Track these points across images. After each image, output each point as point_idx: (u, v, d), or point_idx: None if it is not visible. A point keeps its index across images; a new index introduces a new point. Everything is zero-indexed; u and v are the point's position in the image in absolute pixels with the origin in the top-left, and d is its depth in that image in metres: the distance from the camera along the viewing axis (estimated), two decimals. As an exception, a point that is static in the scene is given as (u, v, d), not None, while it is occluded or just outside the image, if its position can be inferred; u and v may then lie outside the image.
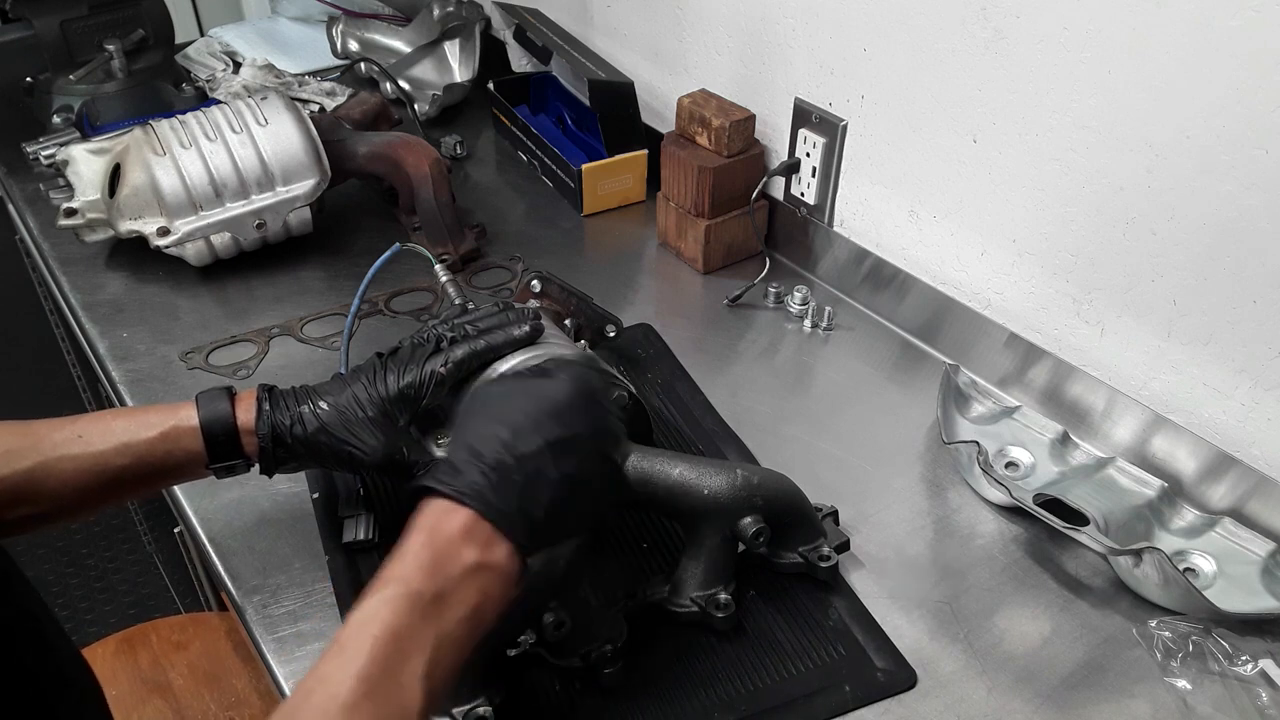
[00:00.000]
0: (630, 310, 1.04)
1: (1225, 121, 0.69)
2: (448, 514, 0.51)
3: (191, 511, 0.80)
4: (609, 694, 0.66)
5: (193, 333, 1.01)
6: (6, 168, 1.30)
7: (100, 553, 1.98)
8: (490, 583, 0.50)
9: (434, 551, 0.50)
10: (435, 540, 0.51)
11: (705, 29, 1.14)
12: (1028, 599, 0.74)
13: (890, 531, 0.80)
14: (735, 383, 0.95)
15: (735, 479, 0.68)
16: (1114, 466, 0.82)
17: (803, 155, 1.07)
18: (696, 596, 0.70)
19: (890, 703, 0.67)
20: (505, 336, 0.73)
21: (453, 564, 0.50)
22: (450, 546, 0.50)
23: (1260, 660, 0.67)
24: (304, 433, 0.67)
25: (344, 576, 0.74)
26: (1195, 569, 0.76)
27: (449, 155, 1.34)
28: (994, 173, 0.88)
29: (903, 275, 1.00)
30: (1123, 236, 0.80)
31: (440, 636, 0.48)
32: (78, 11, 1.37)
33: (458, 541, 0.50)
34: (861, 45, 0.95)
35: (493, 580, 0.50)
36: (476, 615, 0.50)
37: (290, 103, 1.08)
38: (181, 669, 1.03)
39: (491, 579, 0.50)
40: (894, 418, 0.91)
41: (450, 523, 0.51)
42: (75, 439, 0.64)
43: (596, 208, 1.22)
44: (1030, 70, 0.81)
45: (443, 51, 1.49)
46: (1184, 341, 0.79)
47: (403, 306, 1.05)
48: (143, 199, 1.03)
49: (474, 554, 0.50)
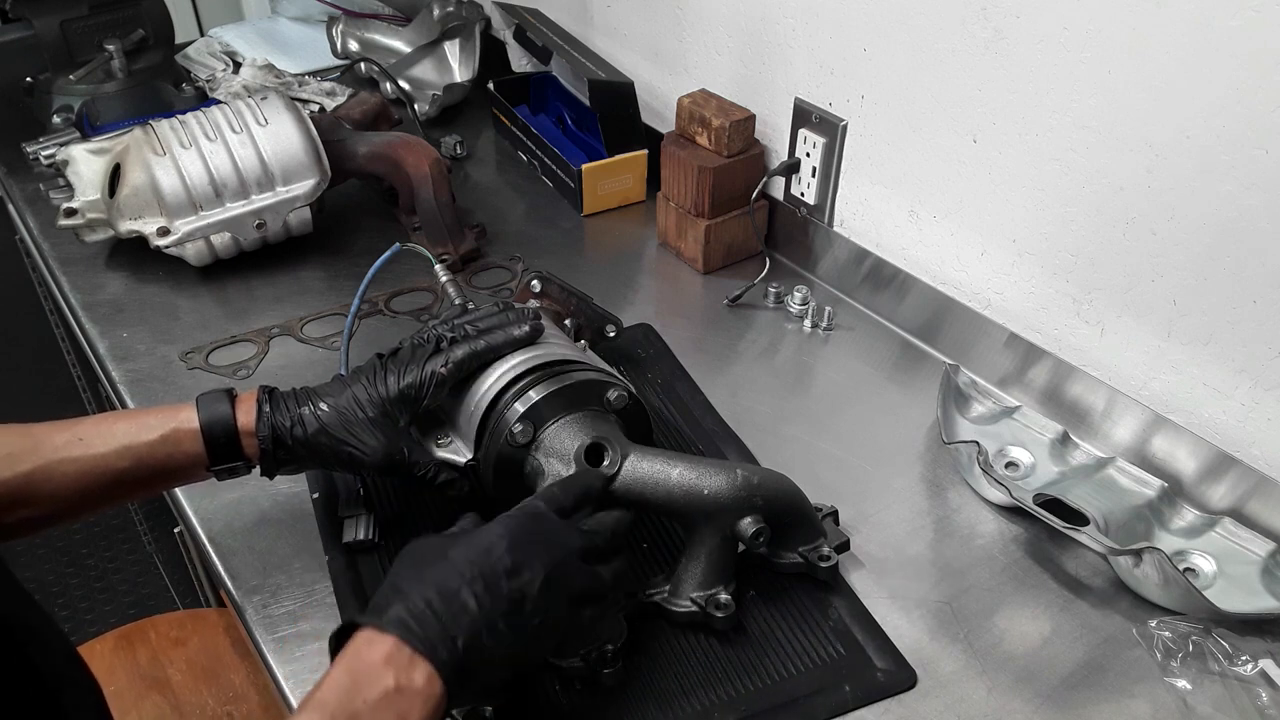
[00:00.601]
0: (630, 310, 1.04)
1: (1225, 121, 0.69)
2: (369, 642, 0.53)
3: (191, 511, 0.80)
4: (609, 694, 0.66)
5: (193, 333, 1.01)
6: (6, 168, 1.30)
7: (100, 553, 1.98)
8: (409, 706, 0.51)
9: (353, 676, 0.51)
10: (355, 665, 0.52)
11: (705, 29, 1.14)
12: (1028, 599, 0.74)
13: (890, 531, 0.80)
14: (735, 383, 0.95)
15: (735, 479, 0.68)
16: (1114, 466, 0.82)
17: (803, 155, 1.07)
18: (696, 596, 0.70)
19: (890, 703, 0.67)
20: (505, 336, 0.73)
21: (371, 688, 0.50)
22: (370, 670, 0.51)
23: (1260, 660, 0.67)
24: (304, 434, 0.67)
25: (344, 576, 0.74)
26: (1195, 569, 0.76)
27: (449, 155, 1.34)
28: (994, 173, 0.88)
29: (903, 275, 1.00)
30: (1123, 236, 0.80)
31: None
32: (78, 11, 1.37)
33: (377, 666, 0.51)
34: (861, 45, 0.95)
35: (411, 704, 0.51)
36: None
37: (290, 103, 1.08)
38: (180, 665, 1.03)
39: (410, 702, 0.51)
40: (894, 418, 0.91)
41: (372, 651, 0.52)
42: (75, 442, 0.64)
43: (596, 208, 1.22)
44: (1030, 70, 0.81)
45: (443, 51, 1.49)
46: (1184, 341, 0.79)
47: (403, 306, 1.05)
48: (143, 199, 1.03)
49: (392, 678, 0.51)
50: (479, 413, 0.71)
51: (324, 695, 0.51)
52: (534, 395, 0.70)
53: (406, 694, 0.51)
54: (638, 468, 0.69)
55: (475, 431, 0.72)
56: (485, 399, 0.71)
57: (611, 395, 0.72)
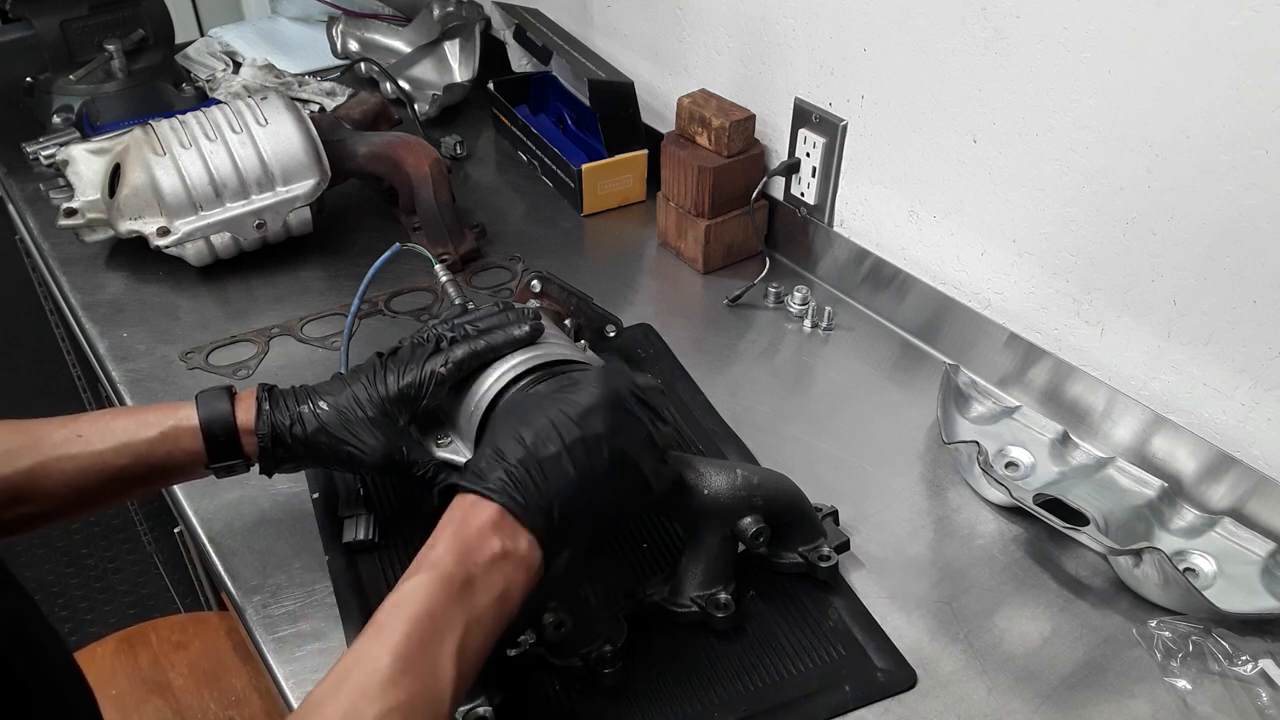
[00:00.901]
0: (630, 310, 1.04)
1: (1225, 121, 0.69)
2: (475, 507, 0.56)
3: (191, 511, 0.80)
4: (609, 694, 0.66)
5: (193, 333, 1.01)
6: (6, 168, 1.30)
7: (100, 553, 1.98)
8: (514, 570, 0.54)
9: (463, 541, 0.54)
10: (464, 531, 0.55)
11: (705, 29, 1.14)
12: (1028, 599, 0.74)
13: (890, 531, 0.80)
14: (735, 383, 0.95)
15: (735, 479, 0.68)
16: (1114, 466, 0.82)
17: (803, 155, 1.07)
18: (696, 596, 0.70)
19: (890, 703, 0.67)
20: (505, 336, 0.73)
21: (480, 552, 0.53)
22: (478, 537, 0.54)
23: (1260, 660, 0.67)
24: (304, 432, 0.67)
25: (344, 576, 0.74)
26: (1195, 569, 0.76)
27: (449, 155, 1.34)
28: (994, 173, 0.88)
29: (903, 275, 1.00)
30: (1123, 236, 0.80)
31: (470, 618, 0.52)
32: (78, 11, 1.37)
33: (485, 532, 0.54)
34: (861, 45, 0.95)
35: (516, 568, 0.54)
36: (502, 600, 0.54)
37: (290, 103, 1.08)
38: (181, 668, 1.02)
39: (515, 567, 0.54)
40: (894, 418, 0.91)
41: (478, 515, 0.55)
42: (75, 438, 0.64)
43: (596, 208, 1.22)
44: (1030, 70, 0.81)
45: (443, 51, 1.49)
46: (1184, 341, 0.79)
47: (403, 306, 1.05)
48: (143, 199, 1.03)
49: (499, 543, 0.54)
50: (479, 413, 0.71)
51: (440, 555, 0.53)
52: (534, 395, 0.70)
53: (512, 559, 0.54)
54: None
55: (475, 431, 0.72)
56: (485, 399, 0.71)
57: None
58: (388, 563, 0.75)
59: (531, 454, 0.57)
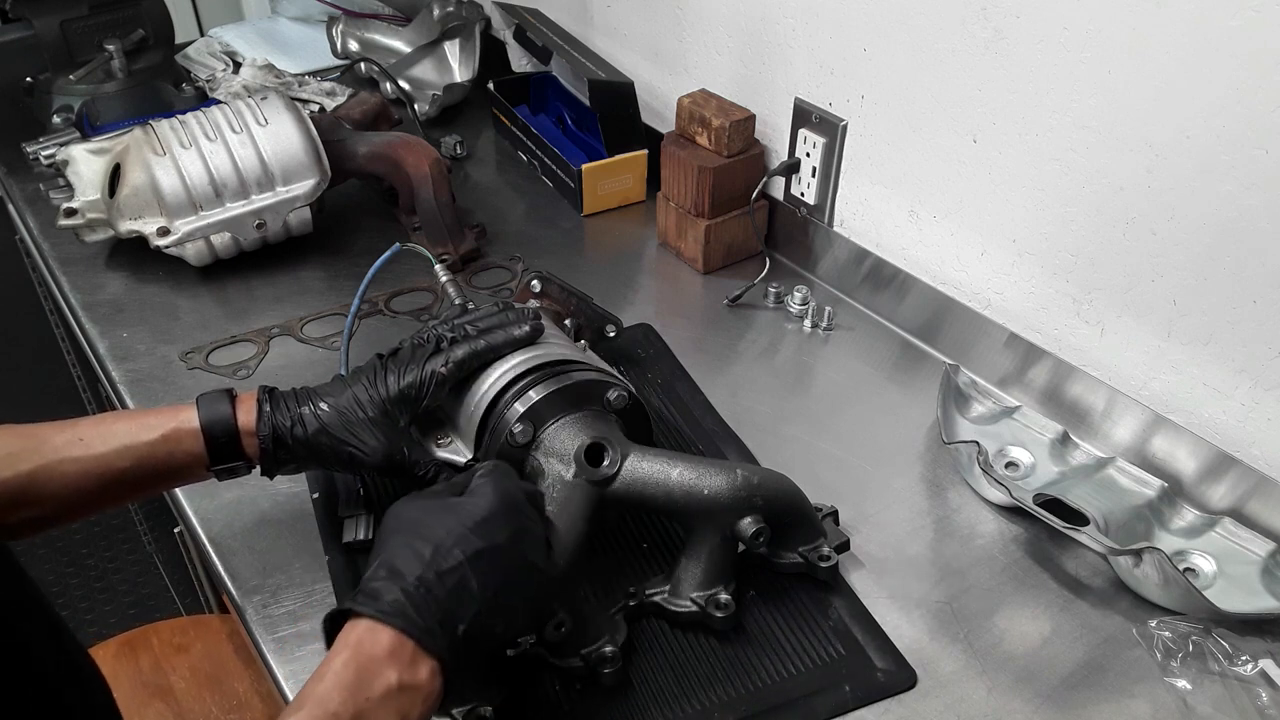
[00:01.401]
0: (630, 310, 1.04)
1: (1225, 121, 0.69)
2: (369, 634, 0.50)
3: (191, 512, 0.80)
4: (609, 694, 0.66)
5: (193, 333, 1.01)
6: (6, 168, 1.30)
7: (100, 553, 1.98)
8: (410, 704, 0.49)
9: (357, 670, 0.49)
10: (358, 659, 0.50)
11: (705, 29, 1.14)
12: (1028, 599, 0.74)
13: (890, 531, 0.80)
14: (735, 383, 0.95)
15: (735, 479, 0.68)
16: (1114, 466, 0.82)
17: (803, 155, 1.07)
18: (696, 596, 0.70)
19: (890, 703, 0.67)
20: (505, 336, 0.73)
21: (375, 684, 0.49)
22: (374, 665, 0.49)
23: (1260, 660, 0.67)
24: (305, 434, 0.67)
25: (344, 576, 0.74)
26: (1195, 569, 0.76)
27: (449, 155, 1.34)
28: (994, 173, 0.88)
29: (903, 275, 1.00)
30: (1123, 236, 0.80)
31: None
32: (78, 11, 1.37)
33: (381, 661, 0.49)
34: (861, 45, 0.95)
35: (413, 701, 0.50)
36: None
37: (290, 103, 1.08)
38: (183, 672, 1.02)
39: (412, 700, 0.50)
40: (894, 418, 0.91)
41: (373, 643, 0.50)
42: (76, 442, 0.64)
43: (596, 208, 1.22)
44: (1030, 70, 0.81)
45: (443, 51, 1.49)
46: (1184, 341, 0.79)
47: (403, 306, 1.05)
48: (143, 199, 1.03)
49: (395, 676, 0.49)
50: (479, 413, 0.71)
51: (326, 690, 0.49)
52: (534, 395, 0.70)
53: (409, 691, 0.50)
54: (638, 468, 0.69)
55: (475, 431, 0.72)
56: (485, 399, 0.71)
57: (611, 395, 0.72)
58: (388, 563, 0.75)
59: (430, 570, 0.52)
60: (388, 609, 0.51)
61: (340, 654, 0.50)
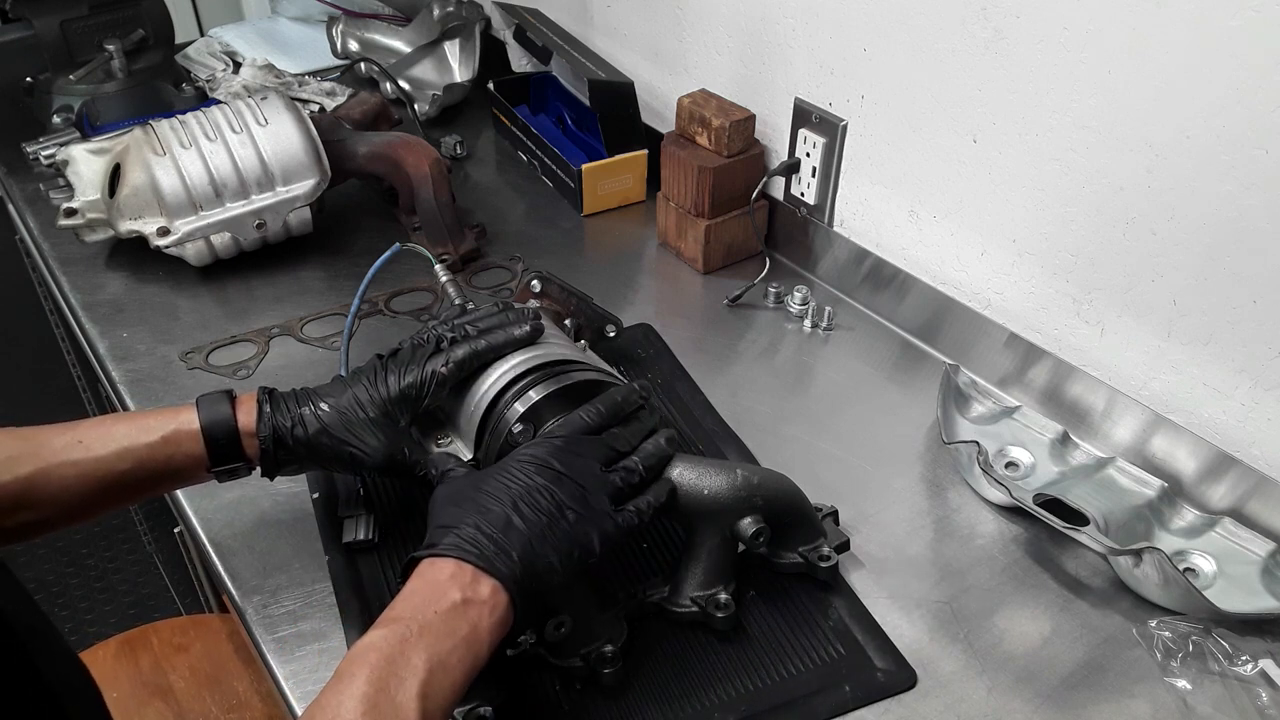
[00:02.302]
0: (630, 310, 1.04)
1: (1225, 121, 0.69)
2: (431, 566, 0.57)
3: (191, 512, 0.80)
4: (609, 694, 0.66)
5: (193, 333, 1.01)
6: (6, 168, 1.30)
7: (100, 553, 1.98)
8: (478, 615, 0.55)
9: (421, 595, 0.55)
10: (422, 585, 0.56)
11: (705, 29, 1.14)
12: (1028, 599, 0.74)
13: (890, 531, 0.80)
14: (735, 383, 0.95)
15: (735, 479, 0.68)
16: (1114, 466, 0.82)
17: (803, 155, 1.07)
18: (696, 596, 0.70)
19: (890, 703, 0.67)
20: (505, 336, 0.73)
21: (439, 602, 0.55)
22: (436, 588, 0.55)
23: (1260, 660, 0.67)
24: (305, 434, 0.67)
25: (344, 576, 0.74)
26: (1195, 569, 0.76)
27: (449, 155, 1.34)
28: (994, 173, 0.88)
29: (903, 275, 1.00)
30: (1123, 236, 0.80)
31: (433, 663, 0.52)
32: (78, 11, 1.37)
33: (443, 585, 0.55)
34: (861, 45, 0.95)
35: (480, 612, 0.55)
36: (469, 644, 0.54)
37: (290, 103, 1.08)
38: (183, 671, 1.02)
39: (479, 611, 0.55)
40: (894, 418, 0.91)
41: (434, 572, 0.56)
42: (76, 444, 0.64)
43: (596, 208, 1.22)
44: (1030, 70, 0.81)
45: (443, 51, 1.49)
46: (1184, 341, 0.79)
47: (403, 306, 1.05)
48: (143, 199, 1.03)
49: (458, 593, 0.55)
50: (479, 413, 0.71)
51: (396, 610, 0.54)
52: (534, 395, 0.70)
53: (474, 604, 0.55)
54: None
55: (475, 431, 0.72)
56: (485, 399, 0.71)
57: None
58: (388, 563, 0.75)
59: (478, 516, 0.59)
60: (445, 547, 0.57)
61: (409, 583, 0.57)
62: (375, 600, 0.72)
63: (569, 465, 0.62)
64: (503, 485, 0.61)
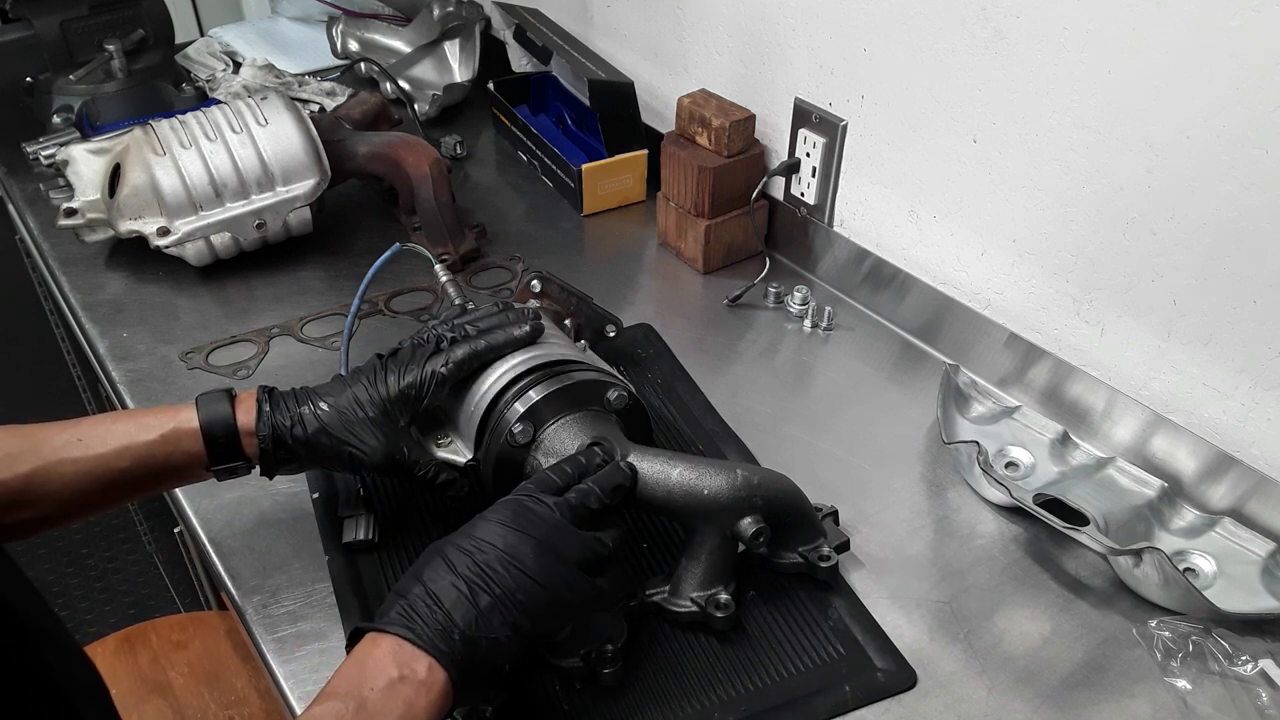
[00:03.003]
0: (630, 310, 1.04)
1: (1225, 121, 0.69)
2: (372, 642, 0.56)
3: (191, 511, 0.80)
4: (609, 694, 0.66)
5: (193, 333, 1.01)
6: (6, 168, 1.30)
7: (100, 553, 1.98)
8: (414, 694, 0.54)
9: (360, 669, 0.55)
10: (361, 659, 0.56)
11: (705, 29, 1.14)
12: (1028, 599, 0.74)
13: (890, 531, 0.80)
14: (735, 383, 0.95)
15: (735, 479, 0.68)
16: (1114, 466, 0.82)
17: (803, 155, 1.07)
18: (696, 596, 0.70)
19: (890, 703, 0.67)
20: (505, 336, 0.73)
21: (376, 679, 0.54)
22: (374, 663, 0.55)
23: (1260, 660, 0.67)
24: (304, 433, 0.67)
25: (344, 576, 0.74)
26: (1195, 569, 0.76)
27: (449, 155, 1.34)
28: (994, 173, 0.88)
29: (903, 275, 1.00)
30: (1123, 236, 0.80)
31: None
32: (78, 11, 1.37)
33: (381, 661, 0.55)
34: (861, 45, 0.95)
35: (417, 691, 0.54)
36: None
37: (290, 103, 1.08)
38: (181, 668, 1.02)
39: (415, 690, 0.54)
40: (894, 418, 0.91)
41: (375, 647, 0.56)
42: (75, 442, 0.64)
43: (596, 208, 1.22)
44: (1030, 70, 0.81)
45: (443, 51, 1.49)
46: (1184, 341, 0.79)
47: (403, 306, 1.05)
48: (143, 199, 1.03)
49: (395, 670, 0.54)
50: (479, 413, 0.71)
51: (334, 685, 0.54)
52: (534, 395, 0.70)
53: (410, 683, 0.54)
54: (638, 468, 0.69)
55: (475, 431, 0.72)
56: (485, 399, 0.71)
57: (611, 395, 0.72)
58: (387, 562, 0.75)
59: (429, 585, 0.57)
60: (389, 619, 0.57)
61: (350, 659, 0.56)
62: (375, 600, 0.72)
63: (538, 530, 0.60)
64: (462, 551, 0.59)
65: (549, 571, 0.59)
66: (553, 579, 0.59)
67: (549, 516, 0.61)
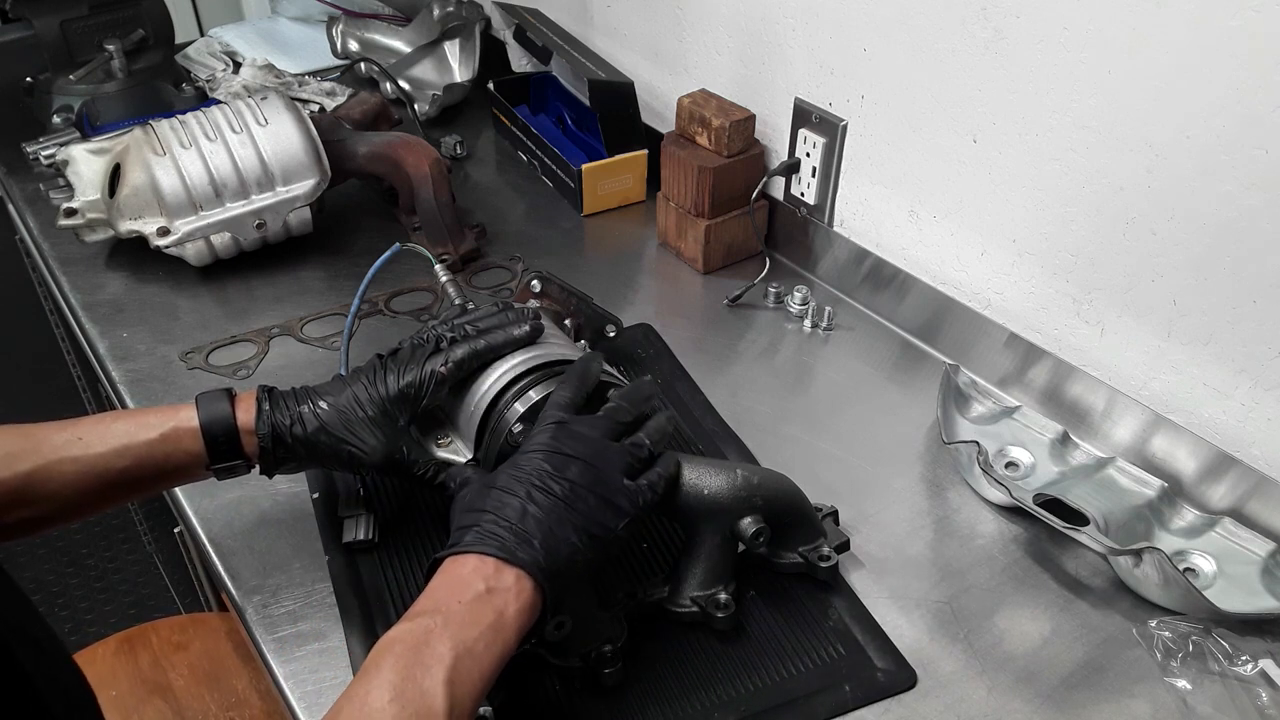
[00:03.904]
0: (630, 310, 1.04)
1: (1225, 121, 0.69)
2: (453, 563, 0.58)
3: (191, 511, 0.80)
4: (609, 694, 0.66)
5: (193, 333, 1.01)
6: (6, 168, 1.30)
7: (100, 553, 1.98)
8: (503, 602, 0.56)
9: (445, 589, 0.56)
10: (445, 580, 0.57)
11: (705, 29, 1.14)
12: (1028, 599, 0.74)
13: (890, 531, 0.80)
14: (735, 383, 0.95)
15: (735, 479, 0.68)
16: (1114, 466, 0.82)
17: (803, 155, 1.07)
18: (696, 596, 0.70)
19: (890, 703, 0.67)
20: (505, 336, 0.73)
21: (463, 594, 0.55)
22: (460, 582, 0.56)
23: (1260, 660, 0.67)
24: (304, 433, 0.67)
25: (344, 576, 0.74)
26: (1195, 569, 0.76)
27: (449, 155, 1.34)
28: (994, 173, 0.88)
29: (903, 275, 1.00)
30: (1123, 236, 0.80)
31: (460, 650, 0.53)
32: (78, 11, 1.37)
33: (466, 578, 0.56)
34: (861, 45, 0.95)
35: (505, 599, 0.56)
36: (495, 630, 0.55)
37: (290, 103, 1.08)
38: (182, 669, 1.02)
39: (504, 598, 0.56)
40: (894, 418, 0.91)
41: (457, 567, 0.57)
42: (75, 441, 0.64)
43: (596, 208, 1.22)
44: (1030, 70, 0.81)
45: (443, 51, 1.49)
46: (1184, 341, 0.79)
47: (403, 306, 1.05)
48: (143, 199, 1.03)
49: (482, 583, 0.56)
50: (479, 412, 0.71)
51: (420, 605, 0.55)
52: (534, 395, 0.70)
53: (498, 593, 0.56)
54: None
55: (475, 431, 0.72)
56: (485, 399, 0.71)
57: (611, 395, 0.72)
58: (388, 562, 0.75)
59: (495, 511, 0.59)
60: (465, 544, 0.58)
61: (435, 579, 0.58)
62: (375, 600, 0.72)
63: (577, 447, 0.63)
64: (514, 478, 0.61)
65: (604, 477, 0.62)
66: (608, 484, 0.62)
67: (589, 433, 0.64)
